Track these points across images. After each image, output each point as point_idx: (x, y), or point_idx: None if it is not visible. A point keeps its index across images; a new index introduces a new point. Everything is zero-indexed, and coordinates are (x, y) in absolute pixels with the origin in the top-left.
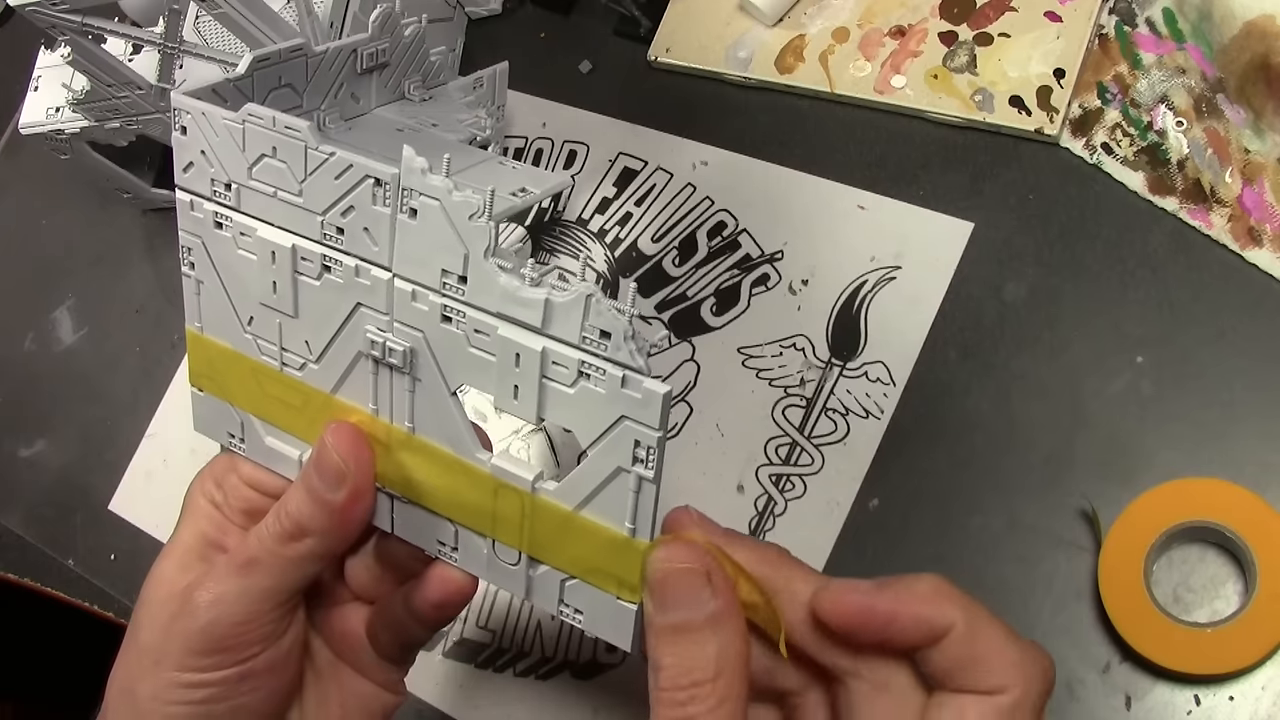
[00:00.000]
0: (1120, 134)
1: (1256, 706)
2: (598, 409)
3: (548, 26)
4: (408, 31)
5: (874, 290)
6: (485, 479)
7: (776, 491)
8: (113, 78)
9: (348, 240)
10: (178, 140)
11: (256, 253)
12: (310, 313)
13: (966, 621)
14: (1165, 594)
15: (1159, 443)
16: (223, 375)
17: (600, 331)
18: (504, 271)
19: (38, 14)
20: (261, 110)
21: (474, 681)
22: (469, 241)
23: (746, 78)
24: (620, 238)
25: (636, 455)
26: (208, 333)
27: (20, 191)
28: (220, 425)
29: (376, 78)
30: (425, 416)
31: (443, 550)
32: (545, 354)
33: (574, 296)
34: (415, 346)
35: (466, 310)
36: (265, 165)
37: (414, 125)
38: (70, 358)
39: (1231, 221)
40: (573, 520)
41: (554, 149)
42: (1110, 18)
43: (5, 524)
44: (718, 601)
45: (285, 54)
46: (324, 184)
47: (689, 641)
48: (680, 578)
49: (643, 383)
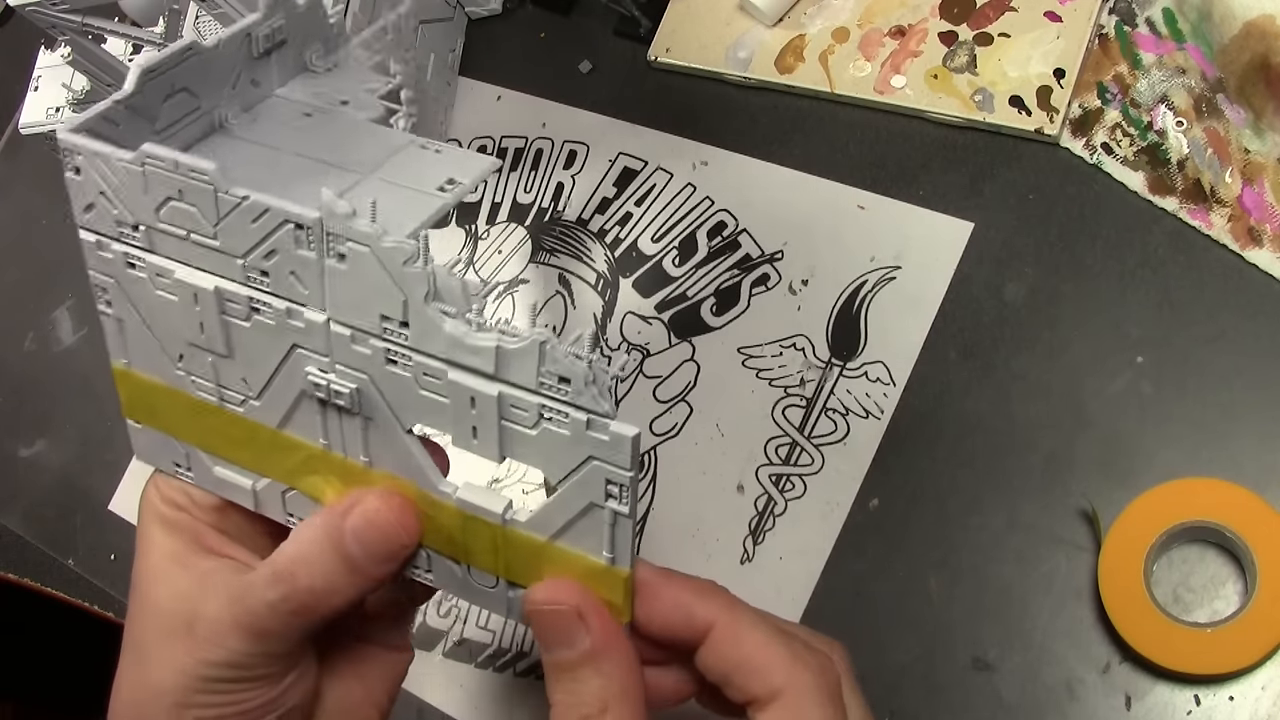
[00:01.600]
0: (1120, 134)
1: (1256, 706)
2: (563, 450)
3: (548, 26)
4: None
5: (874, 290)
6: (452, 511)
7: (776, 491)
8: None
9: (274, 283)
10: (71, 181)
11: (177, 294)
12: (244, 352)
13: (728, 621)
14: (1165, 594)
15: (1159, 443)
16: (159, 409)
17: (559, 377)
18: (448, 317)
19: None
20: (160, 151)
21: (474, 681)
22: (406, 288)
23: (746, 78)
24: (620, 238)
25: (609, 492)
26: (136, 368)
27: (20, 191)
28: (164, 455)
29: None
30: (381, 453)
31: (416, 572)
32: (502, 399)
33: (527, 343)
34: (361, 388)
35: (412, 355)
36: (173, 208)
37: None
38: (70, 358)
39: (1231, 221)
40: (548, 549)
41: (554, 149)
42: (1110, 18)
43: (5, 524)
44: (593, 638)
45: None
46: (240, 227)
47: (571, 679)
48: (553, 618)
49: (609, 425)
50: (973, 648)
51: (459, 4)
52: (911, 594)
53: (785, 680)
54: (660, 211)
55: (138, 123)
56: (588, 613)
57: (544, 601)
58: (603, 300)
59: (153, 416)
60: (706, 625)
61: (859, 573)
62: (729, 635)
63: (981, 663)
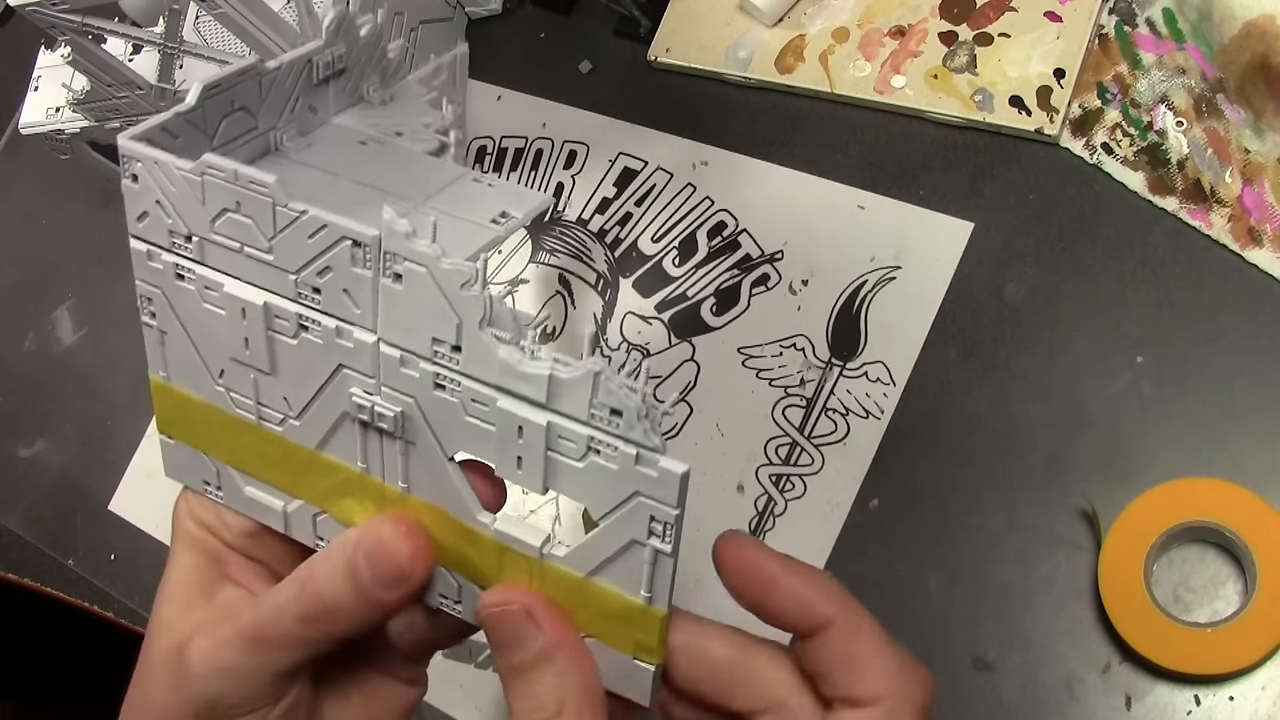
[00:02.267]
0: (1120, 134)
1: (1256, 706)
2: (609, 484)
3: (548, 26)
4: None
5: (874, 290)
6: (489, 542)
7: (776, 491)
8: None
9: (325, 301)
10: (128, 189)
11: (225, 308)
12: (288, 370)
13: (846, 619)
14: (1165, 594)
15: (1159, 443)
16: (194, 425)
17: (610, 409)
18: (502, 343)
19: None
20: (221, 162)
21: (474, 681)
22: (461, 311)
23: (746, 78)
24: (620, 238)
25: (652, 530)
26: (174, 382)
27: (20, 191)
28: (194, 473)
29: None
30: (420, 479)
31: (445, 602)
32: (550, 428)
33: (581, 373)
34: (406, 411)
35: (461, 379)
36: (229, 220)
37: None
38: (70, 358)
39: (1231, 221)
40: (585, 585)
41: (554, 149)
42: (1110, 18)
43: (5, 524)
44: (545, 637)
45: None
46: (296, 242)
47: (526, 681)
48: (503, 620)
49: (659, 461)
50: (973, 648)
51: (459, 4)
52: (911, 594)
53: (888, 688)
54: (660, 211)
55: (195, 137)
56: (538, 613)
57: (494, 604)
58: (603, 300)
59: (187, 432)
60: (826, 620)
61: (859, 573)
62: (846, 634)
63: (981, 663)
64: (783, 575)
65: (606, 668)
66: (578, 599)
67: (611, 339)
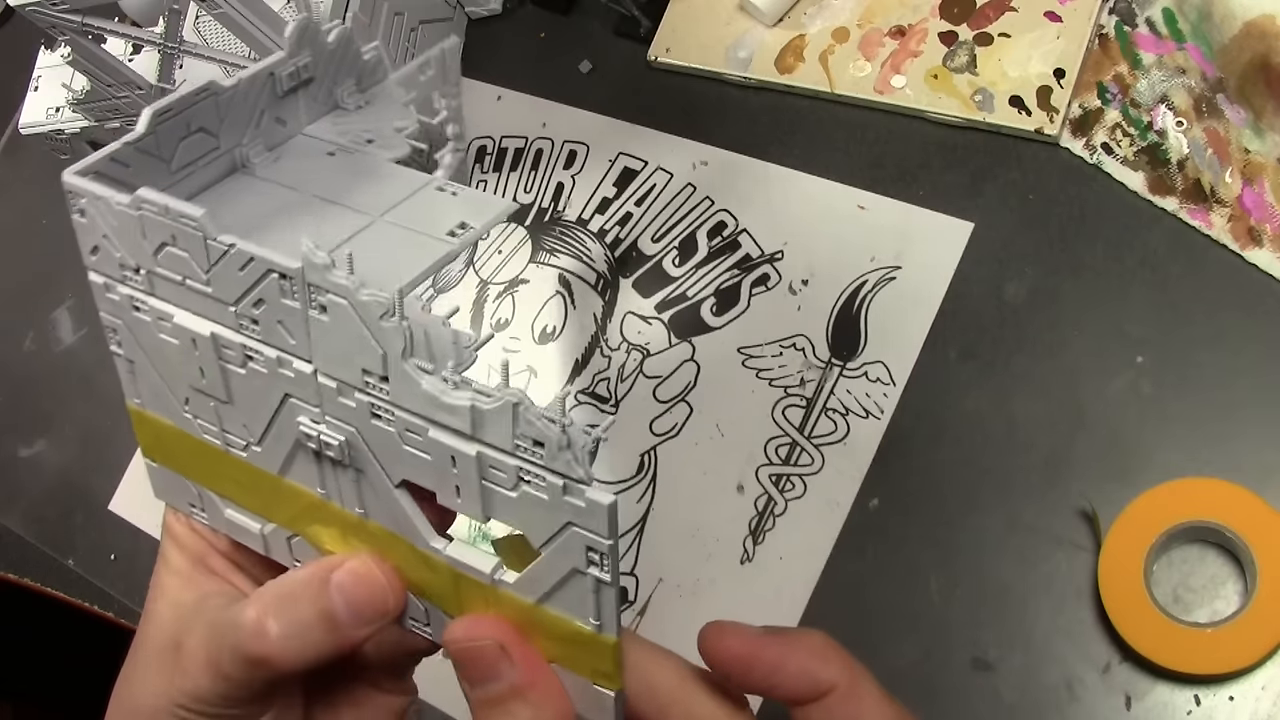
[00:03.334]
0: (1120, 134)
1: (1256, 706)
2: (542, 513)
3: (548, 26)
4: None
5: (874, 290)
6: (444, 568)
7: (776, 491)
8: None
9: (263, 331)
10: (78, 224)
11: (177, 339)
12: (242, 399)
13: (850, 683)
14: (1165, 594)
15: (1159, 443)
16: (172, 450)
17: (533, 440)
18: (425, 374)
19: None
20: (153, 196)
21: None
22: (384, 343)
23: (746, 78)
24: (620, 238)
25: (590, 559)
26: (149, 409)
27: (20, 191)
28: (179, 495)
29: (303, 95)
30: (374, 505)
31: (415, 625)
32: (480, 458)
33: (500, 404)
34: (350, 440)
35: (394, 410)
36: (168, 253)
37: (346, 145)
38: (70, 358)
39: (1231, 221)
40: (537, 611)
41: (554, 149)
42: (1110, 18)
43: (5, 524)
44: (519, 671)
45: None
46: (229, 274)
47: (502, 712)
48: (475, 654)
49: (585, 492)
50: (973, 648)
51: (459, 4)
52: (911, 594)
53: None
54: (660, 211)
55: (151, 164)
56: (510, 646)
57: (464, 639)
58: (603, 300)
59: (166, 457)
60: (830, 686)
61: (859, 573)
62: (851, 697)
63: (981, 663)
64: (787, 654)
65: (571, 692)
66: (533, 624)
67: (611, 339)
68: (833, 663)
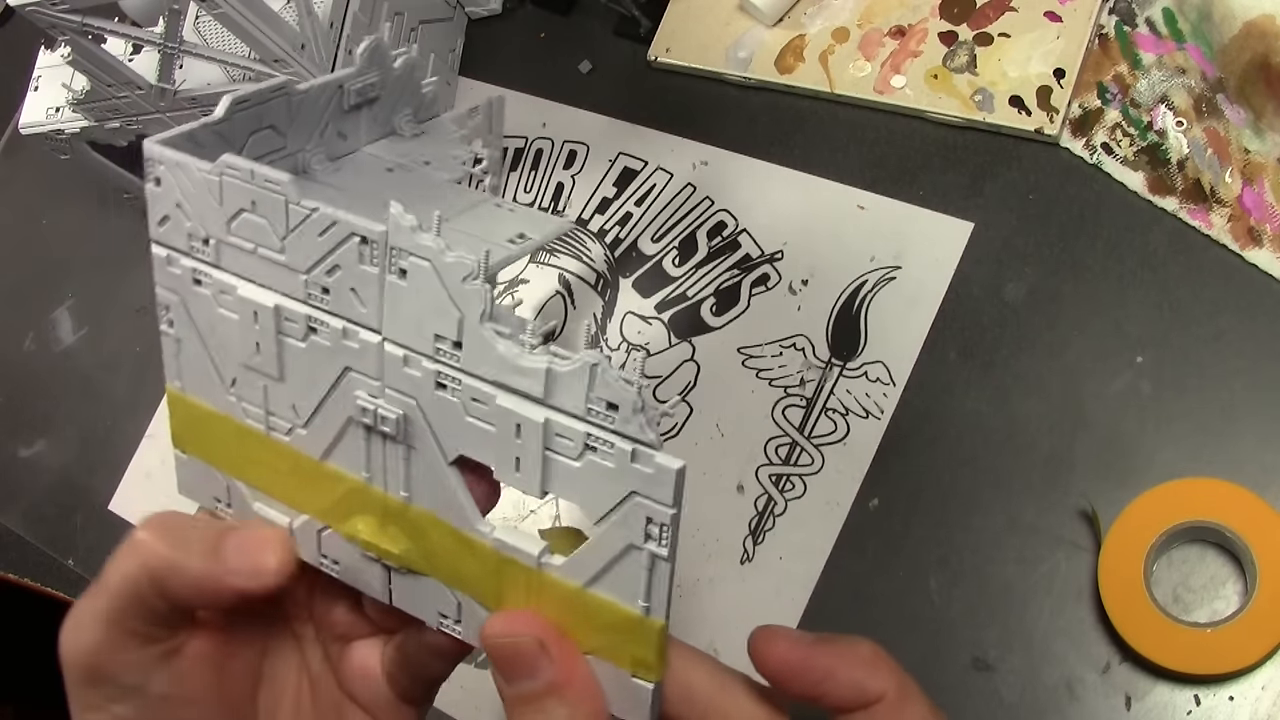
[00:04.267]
0: (1120, 134)
1: (1256, 706)
2: (605, 484)
3: (548, 26)
4: (398, 63)
5: (874, 290)
6: (487, 552)
7: (776, 491)
8: (113, 78)
9: (334, 300)
10: (152, 193)
11: (238, 312)
12: (296, 376)
13: (898, 694)
14: (1165, 594)
15: (1159, 443)
16: (205, 437)
17: (607, 403)
18: (501, 337)
19: (38, 14)
20: (239, 161)
21: (475, 682)
22: (463, 305)
23: (746, 78)
24: (620, 238)
25: (649, 532)
26: (189, 393)
27: (20, 191)
28: (205, 489)
29: (365, 113)
30: (421, 486)
31: (444, 622)
32: (548, 426)
33: (577, 366)
34: (409, 414)
35: (462, 378)
36: (244, 220)
37: (405, 164)
38: (70, 358)
39: (1231, 221)
40: (583, 597)
41: (554, 149)
42: (1110, 18)
43: (5, 524)
44: (556, 668)
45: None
46: (307, 241)
47: (536, 710)
48: (513, 650)
49: (654, 457)
50: (973, 648)
51: (459, 4)
52: (911, 594)
53: None
54: (660, 211)
55: (222, 149)
56: (549, 643)
57: (503, 634)
58: (603, 300)
59: (199, 445)
60: (879, 695)
61: (859, 573)
62: (897, 707)
63: (981, 663)
64: (837, 663)
65: (606, 687)
66: (575, 612)
67: (611, 339)
68: (881, 672)
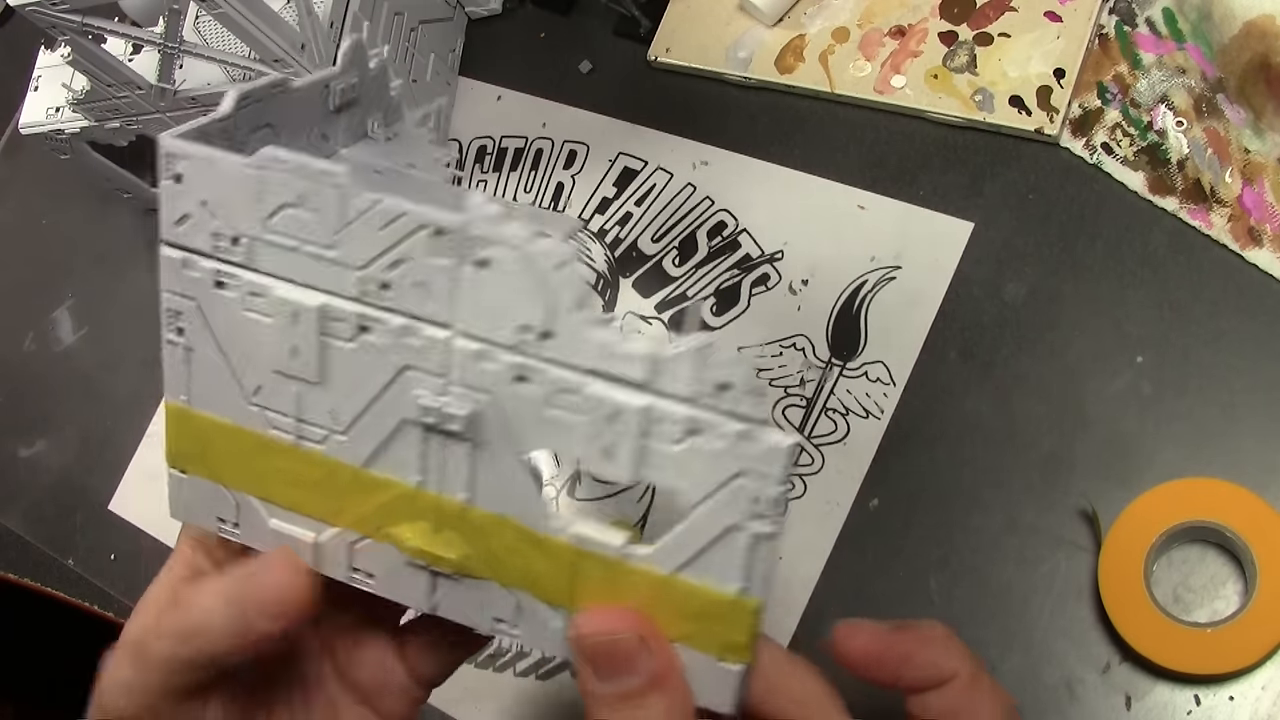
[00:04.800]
0: (1120, 134)
1: (1256, 706)
2: (709, 466)
3: (548, 26)
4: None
5: (874, 290)
6: (562, 548)
7: None
8: (113, 78)
9: (395, 296)
10: (170, 190)
11: (272, 314)
12: (340, 379)
13: (971, 672)
14: (1165, 594)
15: (1159, 443)
16: (215, 453)
17: (716, 384)
18: (599, 324)
19: (38, 14)
20: (287, 155)
21: (475, 681)
22: (556, 294)
23: (746, 78)
24: (620, 238)
25: (755, 511)
26: (197, 406)
27: (20, 191)
28: (208, 510)
29: (345, 116)
30: (487, 486)
31: (499, 626)
32: (648, 411)
33: (685, 349)
34: (479, 410)
35: (548, 368)
36: (287, 216)
37: (391, 166)
38: (70, 358)
39: (1231, 221)
40: (669, 584)
41: (554, 149)
42: (1110, 18)
43: (5, 524)
44: (657, 662)
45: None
46: (365, 235)
47: (635, 706)
48: (614, 648)
49: (765, 435)
50: (973, 648)
51: (459, 4)
52: (911, 594)
53: None
54: (660, 211)
55: (228, 146)
56: (649, 637)
57: (602, 632)
58: (603, 300)
59: (204, 462)
60: (952, 674)
61: (859, 573)
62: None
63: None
64: (916, 648)
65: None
66: (660, 600)
67: None
68: (954, 653)
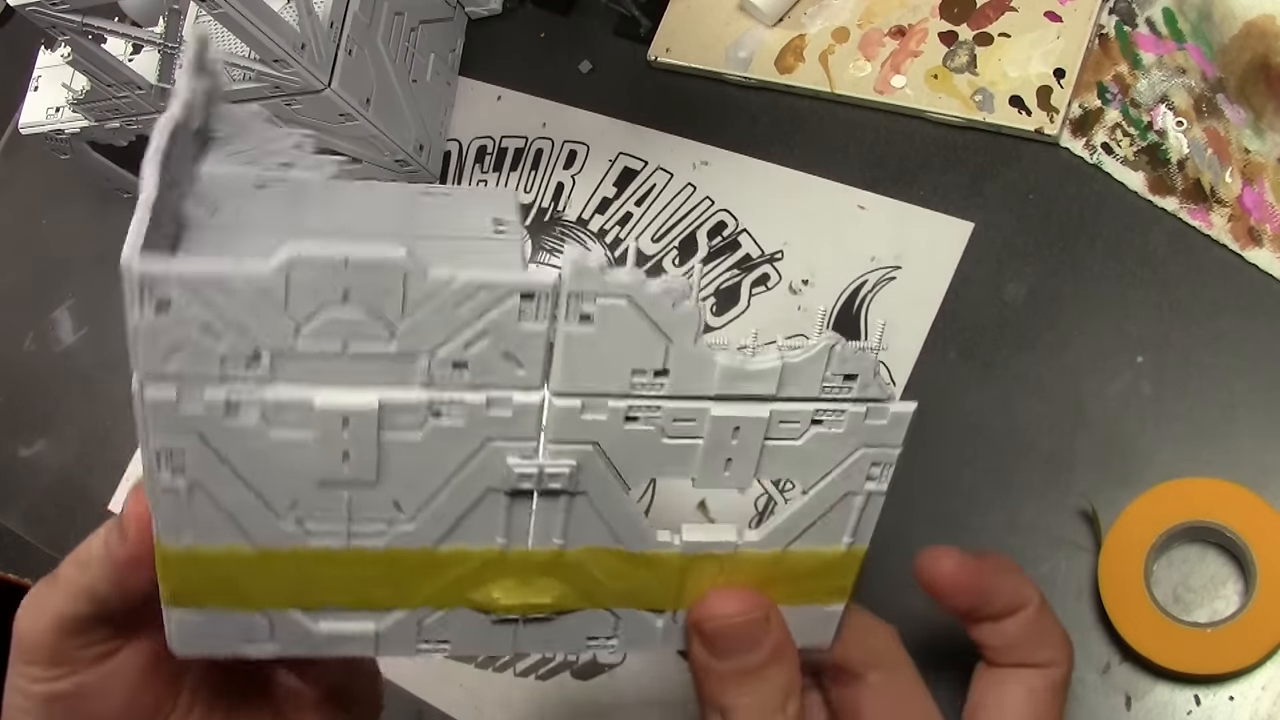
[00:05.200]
0: (1120, 134)
1: (1256, 706)
2: (829, 450)
3: (548, 26)
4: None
5: (874, 290)
6: (670, 560)
7: (776, 491)
8: (113, 78)
9: (473, 374)
10: (152, 325)
11: (311, 427)
12: (404, 470)
13: (1040, 600)
14: (1165, 594)
15: (1159, 443)
16: (235, 582)
17: (844, 376)
18: (720, 350)
19: (38, 14)
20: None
21: (475, 681)
22: (674, 332)
23: (746, 78)
24: (620, 238)
25: (870, 474)
26: (205, 543)
27: (20, 191)
28: (226, 638)
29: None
30: (583, 528)
31: (592, 643)
32: (772, 417)
33: (815, 352)
34: (582, 461)
35: (663, 404)
36: (327, 319)
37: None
38: (70, 358)
39: (1231, 221)
40: (780, 558)
41: (554, 149)
42: (1110, 18)
43: (5, 524)
44: (776, 635)
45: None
46: (437, 316)
47: (756, 679)
48: (744, 628)
49: (890, 408)
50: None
51: (459, 4)
52: (912, 594)
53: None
54: (660, 211)
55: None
56: (772, 614)
57: (733, 614)
58: None
59: (220, 595)
60: (1026, 602)
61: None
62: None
63: None
64: (999, 577)
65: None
66: (771, 573)
67: None
68: (1028, 583)
